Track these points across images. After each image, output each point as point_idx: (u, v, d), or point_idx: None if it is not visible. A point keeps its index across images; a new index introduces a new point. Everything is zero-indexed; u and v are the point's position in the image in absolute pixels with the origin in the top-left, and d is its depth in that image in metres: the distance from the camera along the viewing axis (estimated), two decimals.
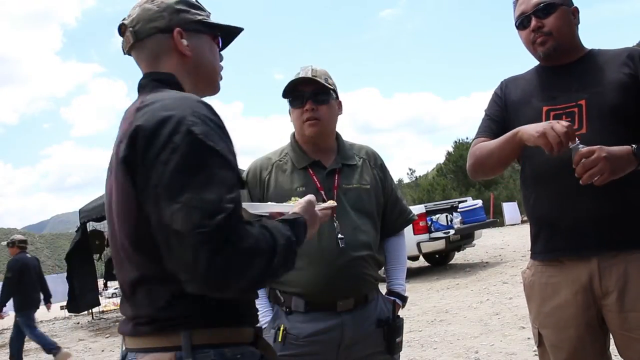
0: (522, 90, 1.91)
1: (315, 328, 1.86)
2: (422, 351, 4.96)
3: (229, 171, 1.04)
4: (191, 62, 1.27)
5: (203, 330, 1.09)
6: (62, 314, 12.82)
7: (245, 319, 1.19)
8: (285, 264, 1.09)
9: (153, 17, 1.25)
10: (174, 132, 1.03)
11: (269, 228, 1.07)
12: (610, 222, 1.69)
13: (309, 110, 1.93)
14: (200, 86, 1.31)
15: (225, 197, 0.99)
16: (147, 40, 1.26)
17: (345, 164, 2.01)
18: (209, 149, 1.03)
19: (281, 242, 1.06)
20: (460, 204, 10.43)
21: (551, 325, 1.80)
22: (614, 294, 1.68)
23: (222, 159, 1.04)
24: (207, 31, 1.31)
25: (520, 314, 5.53)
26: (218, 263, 0.95)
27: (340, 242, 1.87)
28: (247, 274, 1.00)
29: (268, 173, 2.00)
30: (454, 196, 20.85)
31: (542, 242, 1.84)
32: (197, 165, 1.01)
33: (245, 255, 0.99)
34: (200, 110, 1.08)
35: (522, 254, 10.20)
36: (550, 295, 1.80)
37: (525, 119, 1.83)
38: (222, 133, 1.09)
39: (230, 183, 1.02)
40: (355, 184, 1.99)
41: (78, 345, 8.63)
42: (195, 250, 0.95)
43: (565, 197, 1.73)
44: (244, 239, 0.99)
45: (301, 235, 1.17)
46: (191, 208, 0.97)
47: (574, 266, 1.75)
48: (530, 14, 1.80)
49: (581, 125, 1.74)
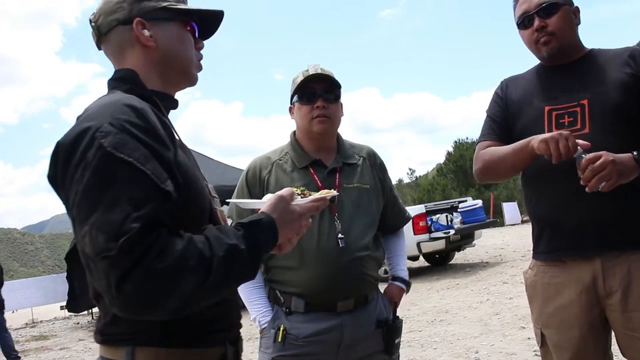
0: (523, 89, 1.90)
1: (315, 328, 1.86)
2: (422, 351, 4.95)
3: (142, 183, 0.93)
4: (157, 53, 1.17)
5: (149, 348, 1.05)
6: (62, 314, 12.82)
7: (207, 339, 1.11)
8: (229, 277, 0.99)
9: (113, 9, 1.17)
10: (88, 146, 0.95)
11: (210, 238, 0.98)
12: (613, 223, 1.69)
13: (319, 107, 1.93)
14: (171, 78, 1.22)
15: (131, 216, 0.89)
16: (110, 34, 1.18)
17: (345, 163, 2.01)
18: (118, 162, 0.93)
19: (219, 255, 0.96)
20: (460, 204, 10.42)
21: (554, 326, 1.80)
22: (617, 293, 1.68)
23: (133, 172, 0.93)
24: (175, 18, 1.20)
25: (520, 314, 5.53)
26: (128, 289, 0.88)
27: (340, 242, 1.86)
28: (175, 294, 0.91)
29: (268, 172, 1.99)
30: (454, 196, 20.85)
31: (545, 242, 1.84)
32: (105, 182, 0.93)
33: (163, 277, 0.90)
34: (122, 115, 0.99)
35: (522, 254, 10.19)
36: (553, 296, 1.79)
37: (527, 119, 1.83)
38: (149, 137, 0.99)
39: (139, 198, 0.91)
40: (356, 183, 1.99)
41: (78, 345, 8.62)
42: (106, 276, 0.89)
43: (568, 198, 1.72)
44: (161, 258, 0.90)
45: (263, 237, 1.06)
46: (97, 231, 0.90)
47: (577, 266, 1.74)
48: (533, 13, 1.80)
49: (584, 125, 1.73)
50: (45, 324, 12.20)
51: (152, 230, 0.91)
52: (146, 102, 1.09)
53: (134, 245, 0.88)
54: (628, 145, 1.69)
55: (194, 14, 1.23)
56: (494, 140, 1.91)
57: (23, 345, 9.27)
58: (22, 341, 9.81)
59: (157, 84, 1.19)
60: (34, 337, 10.24)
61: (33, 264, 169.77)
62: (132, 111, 1.00)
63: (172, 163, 1.01)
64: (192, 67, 1.24)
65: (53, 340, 9.51)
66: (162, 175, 0.97)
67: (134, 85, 1.14)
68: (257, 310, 1.95)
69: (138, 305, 0.91)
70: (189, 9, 1.23)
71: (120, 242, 0.88)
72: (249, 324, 2.04)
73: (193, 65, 1.24)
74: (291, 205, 1.14)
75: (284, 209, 1.12)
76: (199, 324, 1.09)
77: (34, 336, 10.33)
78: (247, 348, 1.95)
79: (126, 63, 1.18)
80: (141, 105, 1.04)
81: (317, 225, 1.86)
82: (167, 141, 1.04)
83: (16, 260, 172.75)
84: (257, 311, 1.95)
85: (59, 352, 8.19)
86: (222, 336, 1.15)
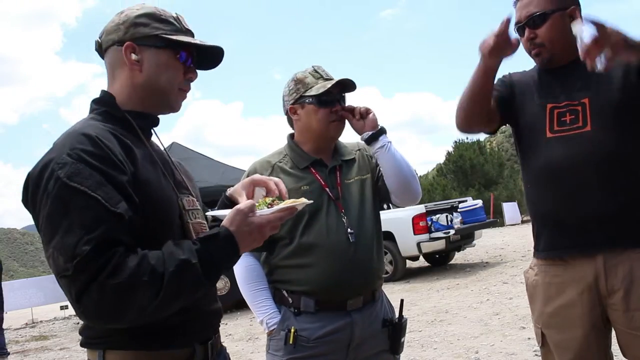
0: (526, 86, 1.90)
1: (326, 328, 1.85)
2: (422, 351, 4.95)
3: (93, 209, 1.05)
4: (141, 77, 1.25)
5: (118, 351, 1.16)
6: (62, 314, 12.82)
7: (175, 341, 1.20)
8: (182, 289, 1.08)
9: (112, 30, 1.26)
10: (49, 177, 1.07)
11: (164, 254, 1.08)
12: (616, 220, 1.69)
13: (337, 110, 1.95)
14: (152, 102, 1.28)
15: (83, 239, 1.01)
16: (107, 53, 1.28)
17: (344, 160, 2.03)
18: (71, 192, 1.05)
19: (170, 270, 1.06)
20: (460, 204, 10.42)
21: (556, 325, 1.80)
22: (619, 292, 1.68)
23: (85, 199, 1.05)
24: (166, 47, 1.26)
25: (521, 314, 5.53)
26: (86, 302, 1.02)
27: (350, 237, 1.88)
28: (129, 306, 1.04)
29: (269, 175, 1.96)
30: (454, 196, 20.83)
31: (546, 240, 1.83)
32: (62, 209, 1.05)
33: (116, 291, 1.02)
34: (79, 145, 1.09)
35: (522, 254, 10.19)
36: (554, 295, 1.79)
37: (529, 114, 1.84)
38: (103, 163, 1.09)
39: (90, 223, 1.03)
40: (356, 177, 2.01)
41: (78, 345, 8.60)
42: (68, 292, 1.04)
43: (570, 195, 1.72)
44: (115, 274, 1.02)
45: (219, 250, 1.13)
46: (57, 253, 1.03)
47: (579, 265, 1.74)
48: (524, 24, 1.80)
49: (585, 123, 1.73)
50: (45, 324, 12.19)
51: (106, 250, 1.03)
52: (116, 124, 1.21)
53: (87, 264, 1.01)
54: (630, 143, 1.69)
55: (187, 45, 1.28)
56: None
57: (23, 345, 9.26)
58: (22, 341, 9.80)
59: (138, 105, 1.27)
60: (34, 337, 10.23)
61: (33, 264, 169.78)
62: (87, 140, 1.10)
63: (126, 185, 1.11)
64: (171, 94, 1.29)
65: (53, 340, 9.51)
66: (114, 199, 1.07)
67: (109, 108, 1.25)
68: (264, 312, 1.92)
69: (97, 316, 1.05)
70: (182, 41, 1.26)
71: (74, 262, 1.01)
72: (249, 324, 2.05)
73: (173, 93, 1.29)
74: (249, 217, 1.17)
75: (241, 221, 1.16)
76: (164, 329, 1.17)
77: (34, 336, 10.32)
78: (247, 348, 1.96)
79: (115, 81, 1.27)
80: (97, 133, 1.13)
81: (325, 223, 1.87)
82: (123, 164, 1.13)
83: (16, 260, 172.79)
84: (263, 313, 1.92)
85: (59, 352, 8.19)
86: (189, 339, 1.24)
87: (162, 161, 1.30)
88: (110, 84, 1.29)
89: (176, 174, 1.35)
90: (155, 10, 1.27)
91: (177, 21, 1.29)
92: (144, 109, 1.28)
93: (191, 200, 1.32)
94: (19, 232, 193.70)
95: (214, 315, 1.35)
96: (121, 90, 1.26)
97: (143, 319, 1.08)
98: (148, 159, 1.24)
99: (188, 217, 1.27)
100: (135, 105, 1.26)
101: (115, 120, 1.23)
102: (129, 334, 1.14)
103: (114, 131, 1.19)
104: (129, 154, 1.17)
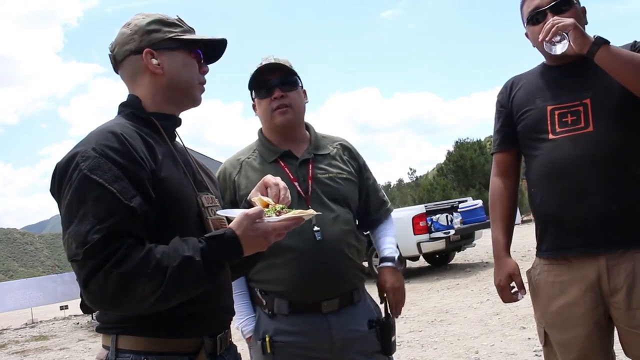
0: (526, 90, 1.90)
1: (302, 332, 1.80)
2: (422, 351, 4.95)
3: (107, 200, 1.12)
4: (164, 79, 1.34)
5: (129, 337, 1.22)
6: (61, 314, 12.82)
7: (184, 331, 1.26)
8: (183, 284, 1.13)
9: (126, 41, 1.34)
10: (74, 169, 1.15)
11: (170, 249, 1.14)
12: (618, 220, 1.69)
13: (277, 97, 1.88)
14: (176, 101, 1.38)
15: (95, 228, 1.09)
16: (124, 63, 1.36)
17: (317, 154, 1.96)
18: (90, 184, 1.13)
19: (173, 265, 1.11)
20: (460, 204, 10.41)
21: (559, 324, 1.79)
22: (622, 291, 1.67)
23: (101, 191, 1.12)
24: (181, 47, 1.36)
25: (521, 314, 5.52)
26: (92, 287, 1.09)
27: (317, 235, 1.80)
28: (131, 295, 1.09)
29: (237, 173, 1.94)
30: (454, 196, 20.85)
31: (549, 239, 1.83)
32: (80, 199, 1.13)
33: (120, 280, 1.08)
34: (104, 141, 1.17)
35: (522, 254, 10.18)
36: (557, 294, 1.79)
37: (529, 120, 1.84)
38: (124, 158, 1.16)
39: (104, 213, 1.10)
40: (331, 174, 1.93)
41: (78, 345, 8.62)
42: (78, 276, 1.11)
43: (572, 195, 1.72)
44: (121, 264, 1.08)
45: (223, 250, 1.18)
46: (71, 239, 1.11)
47: (581, 264, 1.74)
48: (546, 9, 1.78)
49: (587, 123, 1.73)
50: (45, 324, 12.19)
51: (114, 240, 1.09)
52: (142, 124, 1.30)
53: (95, 252, 1.08)
54: (633, 143, 1.69)
55: (198, 42, 1.38)
56: (508, 150, 1.97)
57: (23, 345, 9.27)
58: (22, 341, 9.81)
59: (162, 106, 1.36)
60: (34, 337, 10.23)
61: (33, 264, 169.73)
62: (113, 137, 1.19)
63: (144, 181, 1.18)
64: (194, 89, 1.39)
65: (53, 340, 9.51)
66: (129, 193, 1.14)
67: (135, 109, 1.34)
68: (240, 318, 1.89)
69: (101, 302, 1.12)
70: (193, 39, 1.37)
71: (84, 249, 1.08)
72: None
73: (195, 87, 1.39)
74: (256, 223, 1.22)
75: (247, 226, 1.21)
76: (175, 319, 1.23)
77: (33, 336, 10.32)
78: (247, 348, 1.95)
79: (137, 87, 1.36)
80: (123, 131, 1.21)
81: None
82: (144, 161, 1.20)
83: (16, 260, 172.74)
84: (239, 319, 1.89)
85: (59, 352, 8.19)
86: (199, 330, 1.29)
87: (183, 161, 1.37)
88: (132, 91, 1.37)
89: (197, 173, 1.41)
90: (161, 16, 1.36)
91: (181, 22, 1.38)
92: (167, 109, 1.37)
93: (210, 197, 1.38)
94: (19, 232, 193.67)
95: (227, 311, 1.40)
96: (145, 95, 1.35)
97: (144, 309, 1.14)
98: (170, 157, 1.31)
99: (207, 213, 1.33)
100: (159, 106, 1.35)
101: (141, 121, 1.32)
102: (141, 321, 1.20)
103: (139, 131, 1.27)
104: (152, 151, 1.24)
